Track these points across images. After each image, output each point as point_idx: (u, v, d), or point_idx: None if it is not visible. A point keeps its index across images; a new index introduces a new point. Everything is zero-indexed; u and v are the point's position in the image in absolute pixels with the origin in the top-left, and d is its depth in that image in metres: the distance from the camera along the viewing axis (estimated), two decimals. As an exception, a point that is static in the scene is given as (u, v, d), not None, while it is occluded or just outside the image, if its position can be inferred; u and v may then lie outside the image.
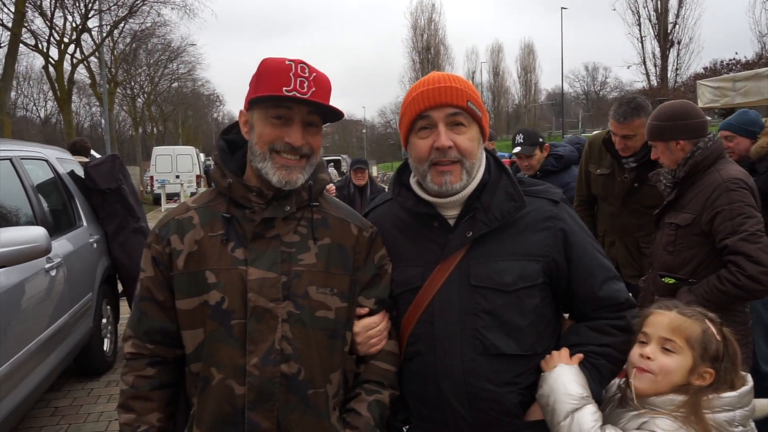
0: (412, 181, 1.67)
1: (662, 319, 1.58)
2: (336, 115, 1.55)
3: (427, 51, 63.64)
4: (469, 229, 1.58)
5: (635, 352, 1.59)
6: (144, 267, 1.59)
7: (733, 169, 2.68)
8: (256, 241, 1.51)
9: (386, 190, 7.33)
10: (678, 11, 36.72)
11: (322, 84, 1.51)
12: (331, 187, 5.79)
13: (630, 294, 1.70)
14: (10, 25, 17.66)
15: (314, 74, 1.49)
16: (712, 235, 2.59)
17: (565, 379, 1.50)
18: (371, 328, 1.62)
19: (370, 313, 1.63)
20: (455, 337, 1.54)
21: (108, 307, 5.60)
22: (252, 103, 1.52)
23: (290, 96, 1.45)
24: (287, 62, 1.48)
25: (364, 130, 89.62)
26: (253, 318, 1.47)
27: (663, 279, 2.78)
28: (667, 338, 1.55)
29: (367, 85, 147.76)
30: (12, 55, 16.45)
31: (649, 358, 1.55)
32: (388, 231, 1.71)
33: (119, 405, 1.58)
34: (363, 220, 1.69)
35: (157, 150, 27.73)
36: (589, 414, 1.48)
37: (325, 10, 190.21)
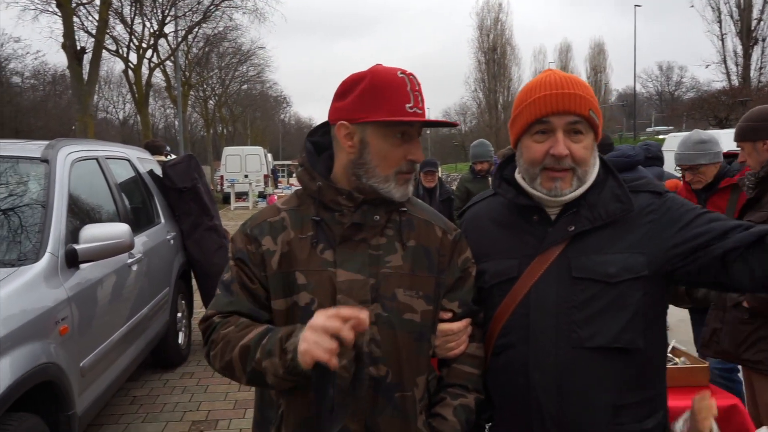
0: (518, 176, 1.64)
1: None
2: (444, 125, 1.61)
3: (494, 51, 62.46)
4: (571, 224, 1.54)
5: None
6: (233, 256, 1.56)
7: None
8: (345, 243, 1.51)
9: (454, 191, 7.28)
10: (763, 7, 34.52)
11: (423, 92, 1.52)
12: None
13: None
14: (94, 32, 18.66)
15: (420, 85, 1.51)
16: None
17: None
18: (449, 334, 1.59)
19: (454, 318, 1.61)
20: (550, 329, 1.50)
21: (183, 301, 5.81)
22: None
23: (418, 119, 1.46)
24: (400, 75, 1.48)
25: (428, 131, 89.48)
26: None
27: None
28: None
29: (432, 86, 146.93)
30: (96, 61, 17.37)
31: None
32: (485, 225, 1.70)
33: (232, 350, 1.44)
34: (447, 223, 1.66)
35: (227, 150, 28.61)
36: None
37: (389, 12, 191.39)
